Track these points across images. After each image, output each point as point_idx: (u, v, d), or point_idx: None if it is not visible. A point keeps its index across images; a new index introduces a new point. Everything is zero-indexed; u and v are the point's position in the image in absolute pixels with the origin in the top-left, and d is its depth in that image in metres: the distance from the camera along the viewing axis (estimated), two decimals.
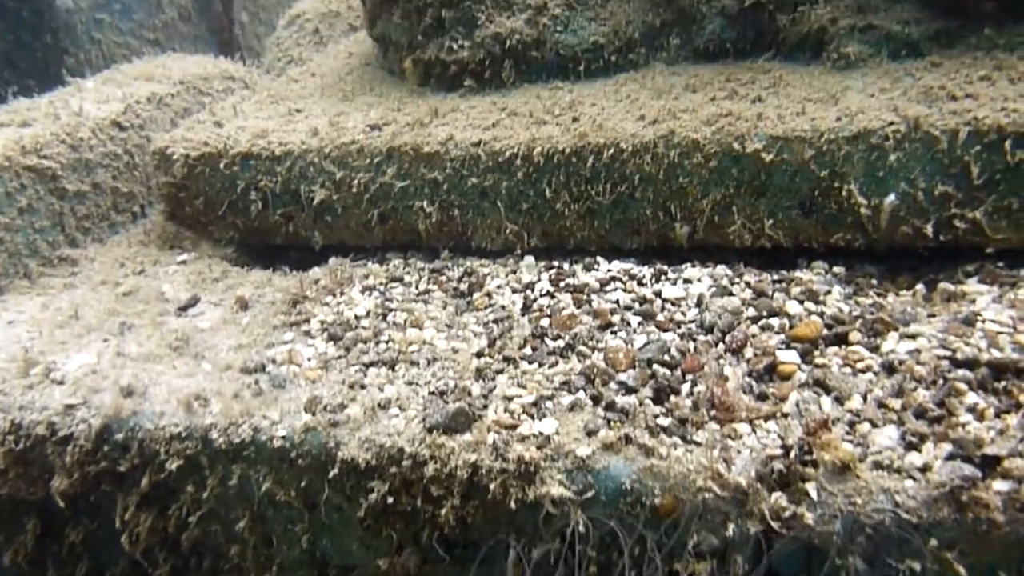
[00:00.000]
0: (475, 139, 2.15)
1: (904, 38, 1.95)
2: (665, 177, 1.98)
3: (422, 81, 2.52)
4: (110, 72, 2.90)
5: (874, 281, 1.79)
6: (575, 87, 2.31)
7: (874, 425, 1.35)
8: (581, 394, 1.57)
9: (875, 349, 1.52)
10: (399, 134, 2.23)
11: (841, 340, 1.55)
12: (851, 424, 1.36)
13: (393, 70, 2.66)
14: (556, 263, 2.08)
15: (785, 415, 1.41)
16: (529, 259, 2.17)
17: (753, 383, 1.50)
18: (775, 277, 1.83)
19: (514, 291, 1.97)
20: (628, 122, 2.06)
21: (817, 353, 1.54)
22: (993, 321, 1.54)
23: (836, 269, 1.85)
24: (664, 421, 1.45)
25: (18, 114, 2.47)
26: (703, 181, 1.95)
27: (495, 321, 1.87)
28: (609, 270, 1.97)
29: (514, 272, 2.06)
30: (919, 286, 1.74)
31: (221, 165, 2.32)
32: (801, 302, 1.70)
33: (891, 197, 1.77)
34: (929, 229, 1.75)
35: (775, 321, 1.65)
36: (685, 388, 1.52)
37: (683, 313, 1.75)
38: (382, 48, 2.72)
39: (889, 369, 1.45)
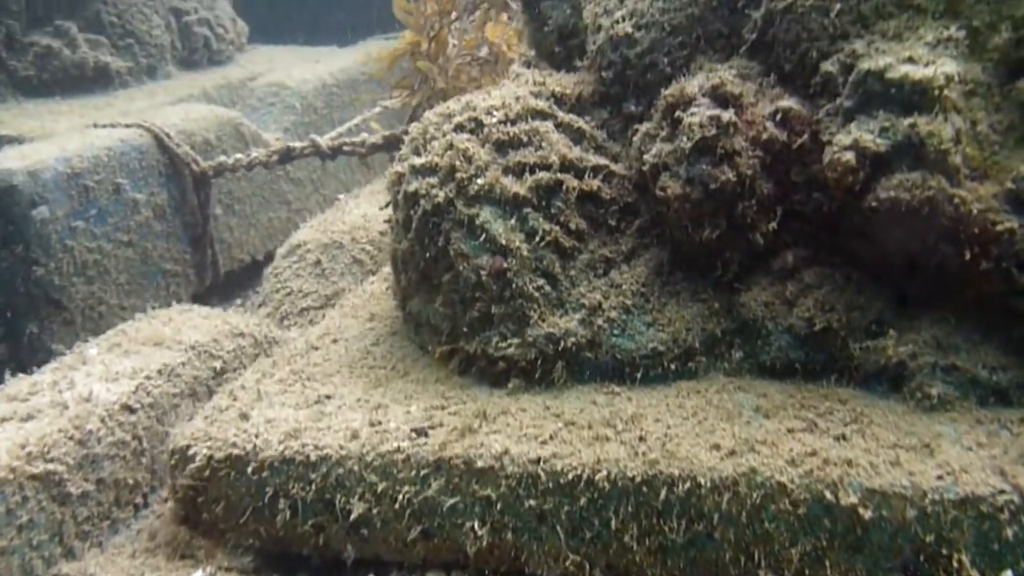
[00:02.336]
0: (533, 455, 2.02)
1: (992, 385, 1.92)
2: (748, 519, 1.86)
3: (462, 370, 2.40)
4: (115, 335, 2.71)
5: None
6: (633, 394, 2.21)
7: None
8: None
9: None
10: (448, 443, 2.08)
11: None
12: None
13: (426, 348, 2.54)
14: None
15: None
16: None
17: None
18: None
19: None
20: (702, 450, 1.95)
21: None
22: None
23: None
24: None
25: (20, 402, 2.25)
26: (791, 528, 1.83)
27: None
28: None
29: None
30: None
31: (249, 469, 2.12)
32: None
33: (1008, 574, 1.67)
34: None
35: None
36: None
37: None
38: (413, 324, 2.60)
39: None
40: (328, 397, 2.37)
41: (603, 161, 2.39)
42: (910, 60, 1.95)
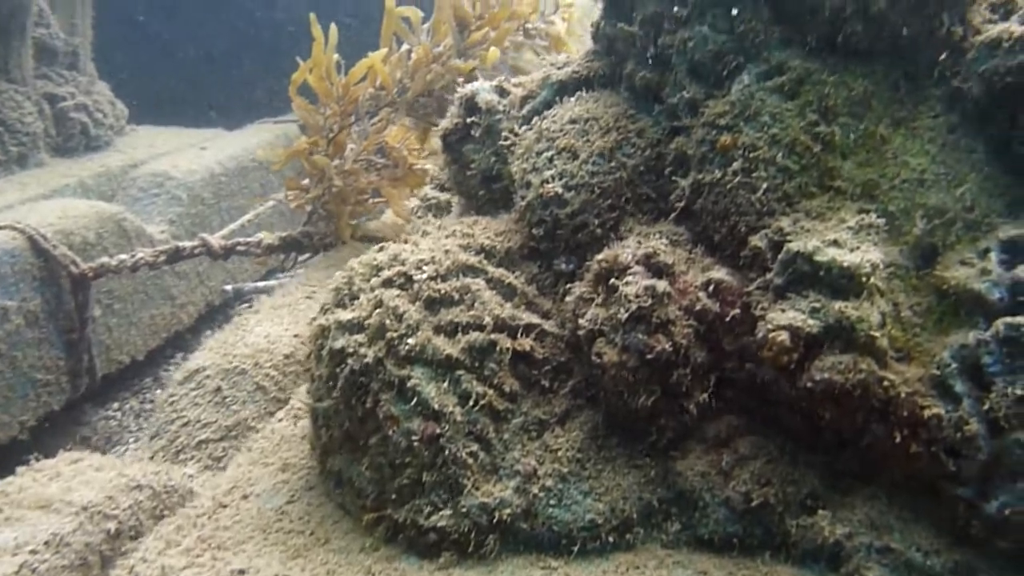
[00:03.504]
0: None
1: (927, 570, 1.96)
2: None
3: (389, 538, 2.27)
4: None
5: None
6: (571, 569, 2.14)
7: None
8: None
9: None
10: None
11: None
12: None
13: (348, 510, 2.40)
14: None
15: None
16: None
17: None
18: None
19: None
20: None
21: None
22: None
23: None
24: None
25: None
26: None
27: None
28: None
29: None
30: None
31: None
32: None
33: None
34: None
35: None
36: None
37: None
38: (333, 482, 2.46)
39: None
40: (241, 573, 2.19)
41: (535, 320, 2.36)
42: (836, 244, 2.03)
